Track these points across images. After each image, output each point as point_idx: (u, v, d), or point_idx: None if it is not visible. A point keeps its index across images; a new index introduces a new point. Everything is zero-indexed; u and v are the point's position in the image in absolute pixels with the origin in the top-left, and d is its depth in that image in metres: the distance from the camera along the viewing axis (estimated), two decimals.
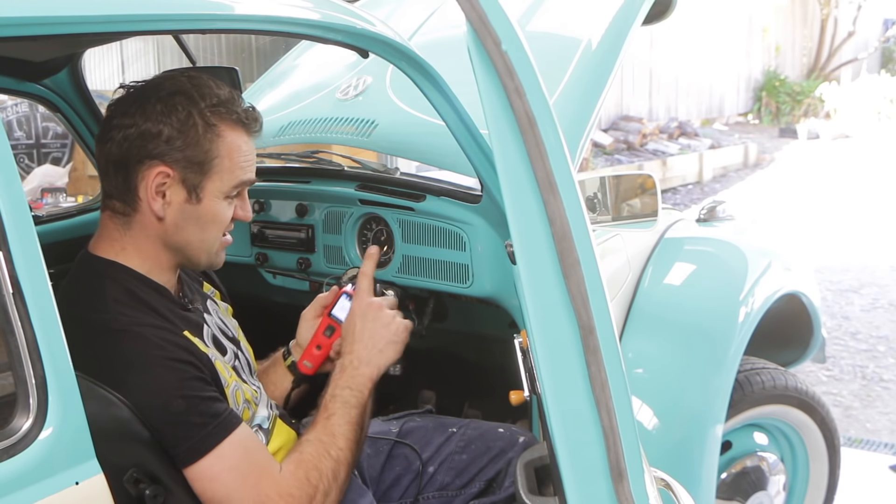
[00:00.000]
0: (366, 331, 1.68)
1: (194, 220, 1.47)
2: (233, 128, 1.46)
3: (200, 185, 1.44)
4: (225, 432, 1.36)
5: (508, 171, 1.01)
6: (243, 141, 1.48)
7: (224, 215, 1.50)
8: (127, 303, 1.42)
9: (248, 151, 1.49)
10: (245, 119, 1.48)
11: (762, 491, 2.51)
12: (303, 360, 1.79)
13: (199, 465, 1.34)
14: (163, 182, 1.42)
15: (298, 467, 1.44)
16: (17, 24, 1.10)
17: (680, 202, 9.15)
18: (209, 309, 1.64)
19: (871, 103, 13.87)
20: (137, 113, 1.42)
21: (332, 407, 1.55)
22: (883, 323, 5.33)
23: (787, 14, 15.43)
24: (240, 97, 1.51)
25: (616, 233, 2.28)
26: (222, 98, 1.45)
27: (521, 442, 1.85)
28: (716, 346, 2.27)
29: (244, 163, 1.48)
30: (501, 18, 1.00)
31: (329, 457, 1.47)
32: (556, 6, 2.36)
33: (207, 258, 1.53)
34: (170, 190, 1.43)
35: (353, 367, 1.63)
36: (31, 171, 6.05)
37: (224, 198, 1.48)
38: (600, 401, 0.96)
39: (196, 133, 1.42)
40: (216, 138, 1.44)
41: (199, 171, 1.43)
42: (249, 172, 1.50)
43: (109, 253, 1.48)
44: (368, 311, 1.71)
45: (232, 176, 1.47)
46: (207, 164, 1.44)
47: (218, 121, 1.44)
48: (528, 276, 1.01)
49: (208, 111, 1.43)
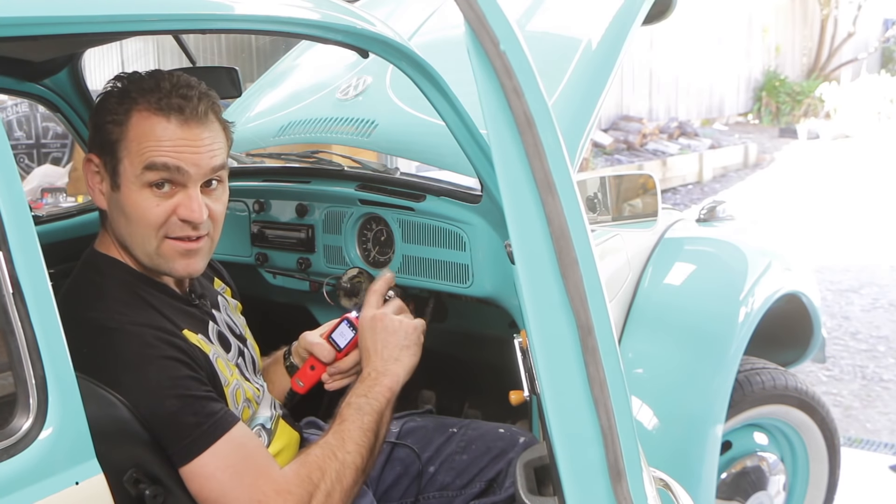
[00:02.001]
0: (377, 342, 1.63)
1: (120, 211, 1.45)
2: (145, 114, 1.42)
3: (116, 170, 1.43)
4: (220, 431, 1.36)
5: (507, 170, 1.01)
6: (159, 126, 1.41)
7: (147, 209, 1.42)
8: (124, 301, 1.42)
9: (166, 137, 1.41)
10: (160, 105, 1.42)
11: (762, 491, 2.51)
12: (296, 379, 1.77)
13: (193, 464, 1.34)
14: (95, 170, 1.47)
15: (301, 466, 1.43)
16: (17, 24, 1.10)
17: (680, 202, 9.15)
18: (219, 305, 1.64)
19: (871, 103, 13.86)
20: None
21: (346, 413, 1.52)
22: (883, 323, 5.33)
23: (787, 14, 15.42)
24: (180, 86, 1.45)
25: (616, 233, 2.28)
26: (145, 87, 1.43)
27: (522, 442, 1.85)
28: (716, 346, 2.27)
29: (155, 147, 1.41)
30: (500, 18, 1.00)
31: (335, 458, 1.45)
32: (555, 6, 2.36)
33: (149, 259, 1.47)
34: (102, 179, 1.46)
35: (371, 378, 1.59)
36: (31, 171, 6.06)
37: (142, 186, 1.42)
38: (599, 400, 0.96)
39: (109, 117, 1.44)
40: (125, 123, 1.43)
41: (111, 154, 1.44)
42: (164, 157, 1.41)
43: (109, 249, 1.50)
44: (375, 324, 1.66)
45: (139, 159, 1.41)
46: (116, 145, 1.43)
47: (130, 104, 1.43)
48: (527, 275, 1.01)
49: (124, 97, 1.44)
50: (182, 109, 1.43)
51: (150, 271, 1.50)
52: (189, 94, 1.44)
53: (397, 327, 1.65)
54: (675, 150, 10.87)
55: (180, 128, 1.43)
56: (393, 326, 1.65)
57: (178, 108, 1.42)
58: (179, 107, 1.43)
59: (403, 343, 1.64)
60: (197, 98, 1.45)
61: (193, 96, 1.44)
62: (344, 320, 1.74)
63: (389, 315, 1.67)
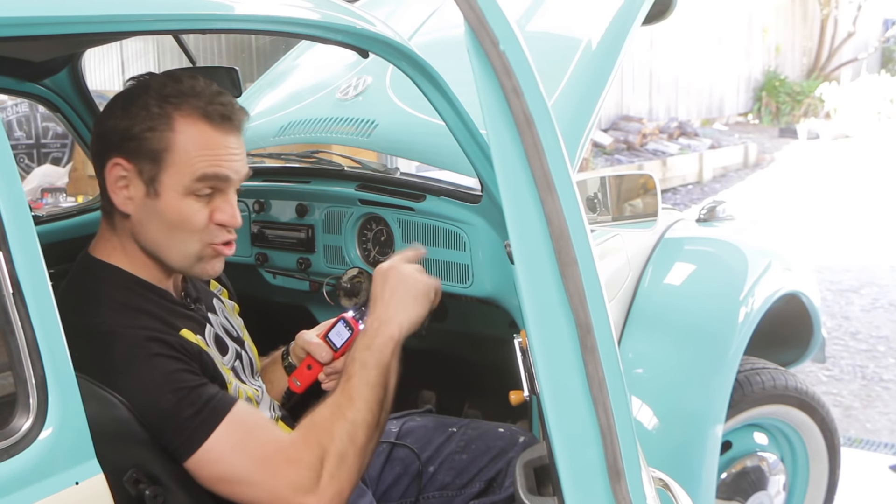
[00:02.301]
0: (386, 290, 1.56)
1: (157, 218, 1.42)
2: (191, 120, 1.41)
3: (157, 178, 1.40)
4: (219, 415, 1.35)
5: (506, 170, 1.01)
6: (206, 134, 1.41)
7: (191, 215, 1.42)
8: (118, 307, 1.41)
9: (215, 146, 1.42)
10: (207, 112, 1.41)
11: (762, 491, 2.51)
12: (293, 378, 1.74)
13: (199, 452, 1.33)
14: (122, 175, 1.41)
15: (309, 432, 1.40)
16: (17, 24, 1.10)
17: (680, 202, 9.15)
18: (215, 308, 1.63)
19: (871, 103, 13.86)
20: (105, 113, 1.45)
21: (351, 370, 1.47)
22: (883, 323, 5.33)
23: (787, 14, 15.42)
24: (217, 92, 1.45)
25: (616, 233, 2.28)
26: (182, 90, 1.42)
27: (522, 442, 1.85)
28: (716, 346, 2.27)
29: (207, 156, 1.41)
30: (499, 18, 1.00)
31: (344, 419, 1.41)
32: (555, 6, 2.36)
33: (185, 262, 1.46)
34: (131, 184, 1.42)
35: (374, 327, 1.53)
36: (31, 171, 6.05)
37: (187, 194, 1.41)
38: (598, 400, 0.96)
39: (150, 123, 1.40)
40: (168, 130, 1.40)
41: (153, 162, 1.40)
42: (215, 167, 1.41)
43: (103, 254, 1.48)
44: (388, 273, 1.58)
45: (191, 169, 1.40)
46: (160, 154, 1.39)
47: (174, 111, 1.40)
48: (526, 275, 1.01)
49: (165, 101, 1.41)
50: (228, 117, 1.43)
51: (157, 276, 1.49)
52: (229, 101, 1.45)
53: (407, 276, 1.58)
54: (675, 150, 10.87)
55: (225, 135, 1.43)
56: (403, 275, 1.58)
57: (224, 116, 1.42)
58: (224, 114, 1.42)
59: (412, 293, 1.57)
60: (234, 105, 1.46)
61: (232, 103, 1.45)
62: (340, 320, 1.72)
63: (403, 265, 1.61)
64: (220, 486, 1.35)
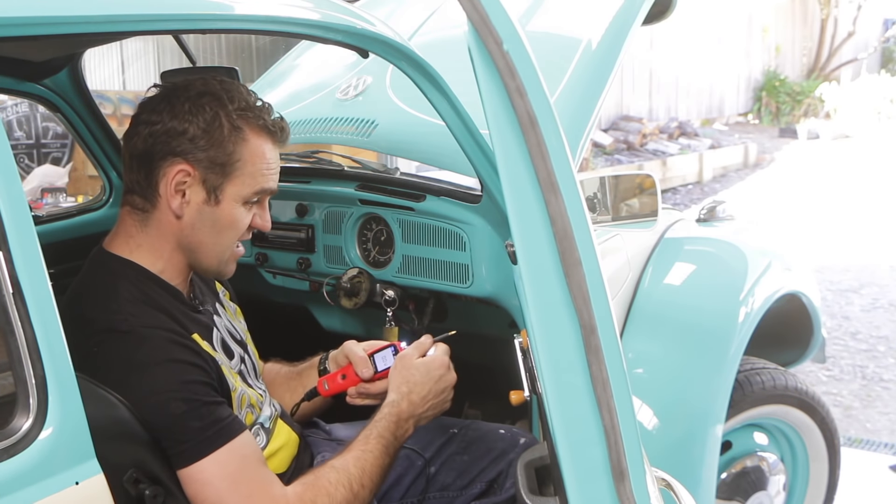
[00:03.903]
0: (425, 387, 1.62)
1: (210, 223, 1.46)
2: (258, 134, 1.46)
3: (221, 187, 1.44)
4: (224, 439, 1.36)
5: (510, 170, 1.01)
6: (268, 148, 1.48)
7: (241, 222, 1.49)
8: (138, 304, 1.41)
9: (273, 160, 1.49)
10: (272, 127, 1.48)
11: (762, 491, 2.50)
12: (323, 381, 1.76)
13: (193, 468, 1.33)
14: (183, 180, 1.43)
15: (307, 490, 1.42)
16: (17, 24, 1.10)
17: (680, 202, 9.15)
18: (219, 311, 1.64)
19: (871, 103, 13.86)
20: (165, 110, 1.43)
21: (372, 446, 1.52)
22: (883, 323, 5.33)
23: (787, 14, 15.42)
24: (270, 107, 1.51)
25: (616, 233, 2.28)
26: (251, 103, 1.46)
27: (522, 443, 1.85)
28: (716, 346, 2.27)
29: (267, 170, 1.48)
30: (503, 18, 1.00)
31: (349, 489, 1.44)
32: (556, 6, 2.36)
33: (218, 264, 1.52)
34: (190, 189, 1.43)
35: (404, 420, 1.59)
36: (31, 171, 6.04)
37: (243, 203, 1.47)
38: (602, 400, 0.96)
39: (221, 134, 1.42)
40: (241, 142, 1.43)
41: (220, 173, 1.43)
42: (272, 181, 1.49)
43: (124, 251, 1.47)
44: (432, 365, 1.65)
45: (253, 181, 1.46)
46: (230, 166, 1.43)
47: (244, 124, 1.44)
48: (530, 275, 1.01)
49: (235, 114, 1.43)
50: (284, 131, 1.50)
51: (177, 277, 1.50)
52: (280, 116, 1.51)
53: (440, 378, 1.65)
54: (675, 150, 10.87)
55: (275, 150, 1.50)
56: (442, 378, 1.65)
57: (283, 130, 1.49)
58: (283, 129, 1.49)
59: (440, 400, 1.64)
60: (284, 119, 1.52)
61: (283, 118, 1.52)
62: (391, 346, 1.74)
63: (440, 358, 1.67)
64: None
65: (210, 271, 1.54)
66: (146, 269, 1.47)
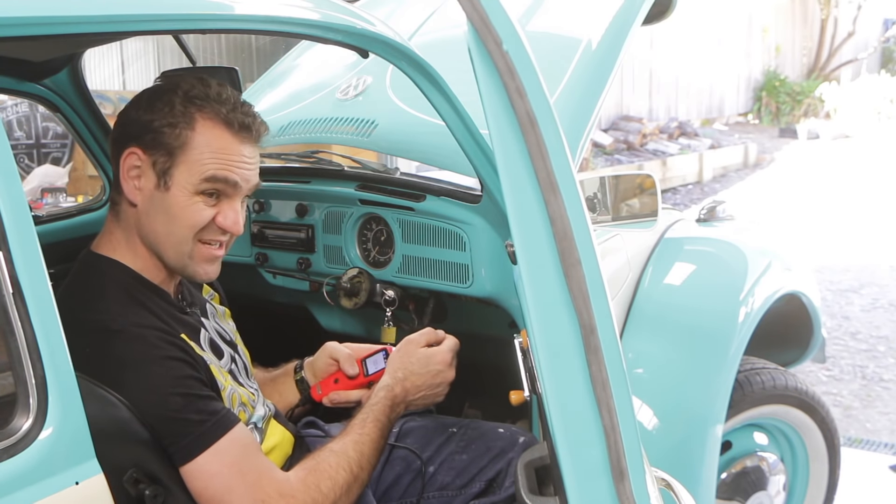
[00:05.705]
0: (420, 378, 1.68)
1: (163, 211, 1.44)
2: (212, 122, 1.43)
3: (169, 172, 1.43)
4: (223, 429, 1.36)
5: (509, 170, 1.01)
6: (224, 139, 1.44)
7: (197, 214, 1.44)
8: (125, 303, 1.42)
9: (228, 151, 1.44)
10: (228, 119, 1.44)
11: (762, 491, 2.50)
12: (316, 386, 1.79)
13: (196, 462, 1.34)
14: (136, 164, 1.44)
15: (310, 474, 1.44)
16: (17, 24, 1.10)
17: (680, 202, 9.15)
18: (207, 313, 1.64)
19: (871, 103, 13.87)
20: (131, 104, 1.48)
21: (369, 429, 1.55)
22: (883, 323, 5.33)
23: (787, 14, 15.43)
24: (241, 103, 1.48)
25: (616, 233, 2.28)
26: (209, 94, 1.45)
27: (522, 442, 1.85)
28: (716, 346, 2.27)
29: (220, 160, 1.44)
30: (503, 18, 1.00)
31: (349, 471, 1.47)
32: (556, 6, 2.36)
33: (179, 258, 1.48)
34: (143, 175, 1.44)
35: (397, 403, 1.64)
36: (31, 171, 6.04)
37: (194, 193, 1.43)
38: (601, 400, 0.96)
39: (171, 118, 1.42)
40: (188, 127, 1.42)
41: (167, 156, 1.43)
42: (225, 171, 1.44)
43: (107, 249, 1.49)
44: (433, 359, 1.70)
45: (201, 168, 1.42)
46: (178, 149, 1.42)
47: (195, 111, 1.43)
48: (529, 275, 1.01)
49: (188, 101, 1.43)
50: (248, 128, 1.47)
51: (158, 275, 1.50)
52: (251, 113, 1.49)
53: (438, 374, 1.70)
54: (675, 150, 10.87)
55: (241, 144, 1.46)
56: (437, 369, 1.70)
57: (244, 126, 1.46)
58: (245, 125, 1.46)
59: (434, 392, 1.70)
60: (255, 118, 1.49)
61: (254, 115, 1.49)
62: (382, 350, 1.77)
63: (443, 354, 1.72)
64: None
65: (176, 268, 1.50)
66: (129, 269, 1.48)
